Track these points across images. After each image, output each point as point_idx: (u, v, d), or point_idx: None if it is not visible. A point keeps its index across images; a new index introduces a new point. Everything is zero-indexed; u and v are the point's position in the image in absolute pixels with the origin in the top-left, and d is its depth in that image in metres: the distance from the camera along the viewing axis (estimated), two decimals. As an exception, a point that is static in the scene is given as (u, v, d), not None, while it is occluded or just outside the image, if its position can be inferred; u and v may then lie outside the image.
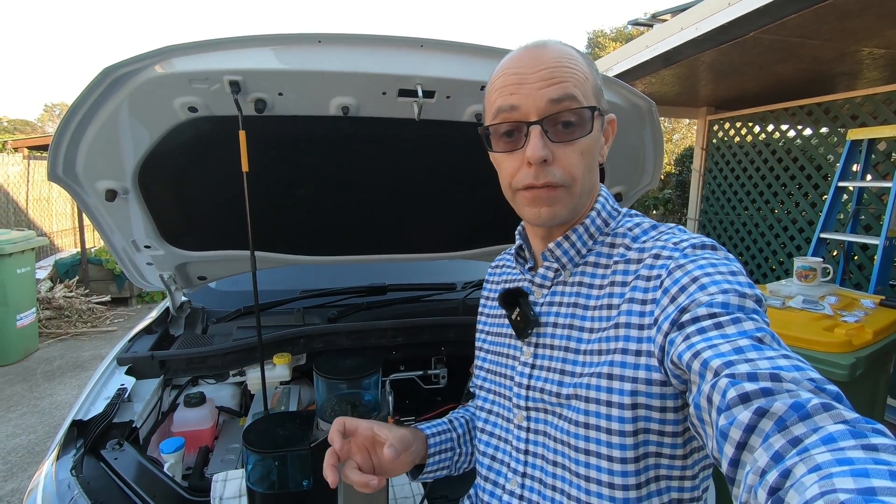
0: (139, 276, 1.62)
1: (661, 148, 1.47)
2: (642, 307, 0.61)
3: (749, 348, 0.48)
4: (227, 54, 0.98)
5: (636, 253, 0.65)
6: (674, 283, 0.58)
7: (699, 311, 0.53)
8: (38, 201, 6.93)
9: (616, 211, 0.73)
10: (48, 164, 1.14)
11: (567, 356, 0.67)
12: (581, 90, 0.63)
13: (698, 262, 0.58)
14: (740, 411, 0.43)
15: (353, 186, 1.45)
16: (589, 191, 0.69)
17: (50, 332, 5.11)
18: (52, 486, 1.04)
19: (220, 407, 1.56)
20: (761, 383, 0.44)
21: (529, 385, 0.71)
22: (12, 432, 3.19)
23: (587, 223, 0.70)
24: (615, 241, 0.69)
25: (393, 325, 1.59)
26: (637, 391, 0.60)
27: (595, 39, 22.24)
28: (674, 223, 0.70)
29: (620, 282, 0.65)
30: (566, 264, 0.71)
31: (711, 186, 5.00)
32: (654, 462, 0.62)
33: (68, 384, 3.95)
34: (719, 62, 3.50)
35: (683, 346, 0.52)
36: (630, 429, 0.60)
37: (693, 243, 0.62)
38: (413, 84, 1.08)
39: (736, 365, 0.47)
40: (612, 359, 0.62)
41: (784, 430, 0.41)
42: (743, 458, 0.43)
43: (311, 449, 0.85)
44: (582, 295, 0.69)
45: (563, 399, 0.66)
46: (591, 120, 0.64)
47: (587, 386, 0.63)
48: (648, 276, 0.62)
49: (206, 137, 1.16)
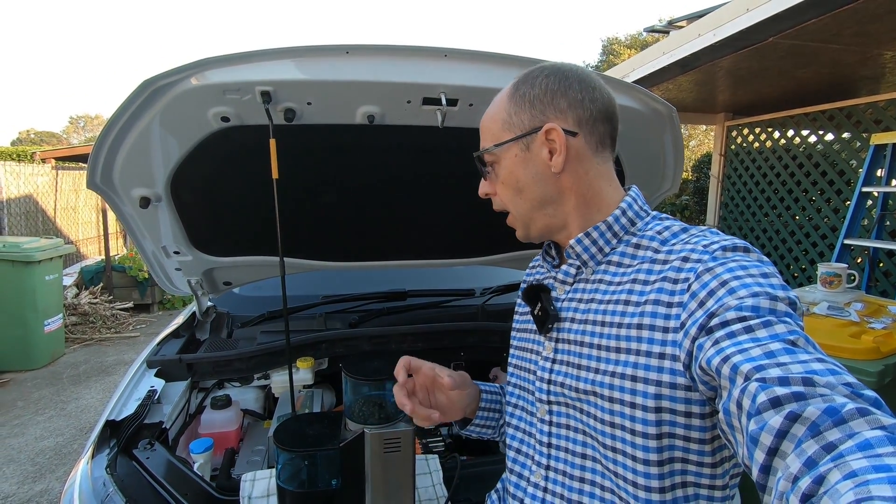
0: (168, 281, 1.67)
1: (682, 153, 1.47)
2: (668, 310, 0.60)
3: (781, 352, 0.47)
4: (258, 66, 1.02)
5: (664, 255, 0.65)
6: (702, 287, 0.57)
7: (728, 315, 0.52)
8: (65, 210, 7.14)
9: (644, 212, 0.73)
10: (87, 173, 1.19)
11: (583, 351, 0.68)
12: (487, 136, 0.75)
13: (728, 266, 0.57)
14: (771, 416, 0.42)
15: (377, 193, 1.48)
16: (539, 205, 0.73)
17: (76, 338, 5.24)
18: (88, 483, 1.08)
19: (245, 410, 1.59)
20: (793, 387, 0.43)
21: (550, 379, 0.72)
22: (41, 435, 3.27)
23: (610, 221, 0.71)
24: (641, 242, 0.69)
25: (413, 331, 1.60)
26: (661, 394, 0.59)
27: (609, 46, 22.20)
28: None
29: (642, 280, 0.65)
30: (587, 261, 0.72)
31: (730, 193, 4.95)
32: (680, 467, 0.61)
33: (94, 388, 4.04)
34: (738, 68, 3.48)
35: (713, 351, 0.51)
36: (654, 431, 0.60)
37: (724, 245, 0.61)
38: (437, 92, 1.11)
39: (767, 369, 0.46)
40: (637, 360, 0.61)
41: (818, 435, 0.39)
42: (774, 464, 0.42)
43: (341, 449, 0.87)
44: (600, 291, 0.69)
45: (581, 394, 0.67)
46: (485, 162, 0.75)
47: (610, 386, 0.63)
48: (676, 279, 0.61)
49: (237, 146, 1.20)
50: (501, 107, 0.74)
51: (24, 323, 4.31)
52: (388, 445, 0.88)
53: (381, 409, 0.91)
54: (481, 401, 0.89)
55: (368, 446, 0.87)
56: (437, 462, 1.16)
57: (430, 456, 1.18)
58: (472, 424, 0.89)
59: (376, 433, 0.87)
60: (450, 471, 1.14)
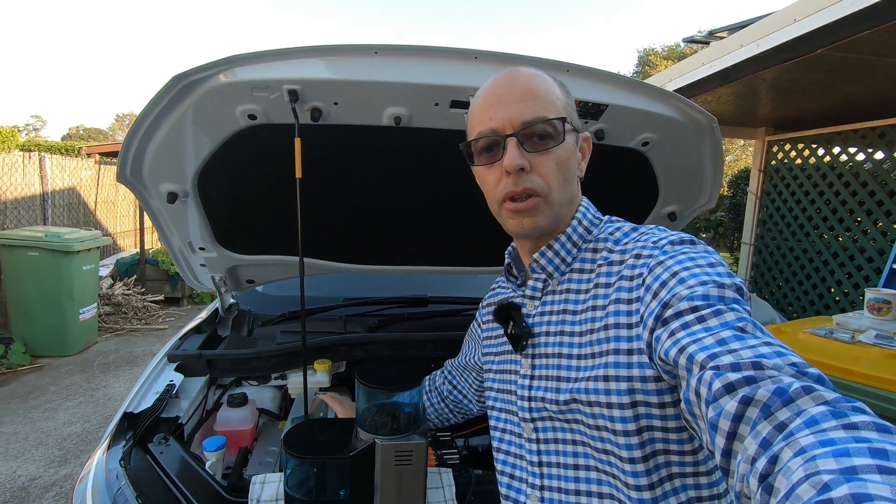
0: (192, 276, 1.69)
1: (721, 166, 1.40)
2: (628, 306, 0.63)
3: (731, 339, 0.49)
4: (287, 64, 1.01)
5: (618, 255, 0.68)
6: (655, 280, 0.60)
7: (681, 306, 0.55)
8: (105, 203, 7.41)
9: (597, 219, 0.76)
10: (118, 166, 1.20)
11: (561, 362, 0.69)
12: (552, 107, 0.69)
13: (677, 258, 0.60)
14: (727, 401, 0.44)
15: (401, 196, 1.45)
16: (568, 202, 0.72)
17: (108, 327, 5.42)
18: (102, 474, 1.08)
19: (261, 409, 1.58)
20: (744, 372, 0.45)
21: (531, 396, 0.72)
22: (69, 420, 3.37)
23: (569, 232, 0.73)
24: (598, 246, 0.72)
25: (433, 338, 1.57)
26: (633, 389, 0.61)
27: (645, 58, 21.87)
28: (726, 249, 0.69)
29: (604, 283, 0.67)
30: (553, 273, 0.73)
31: (769, 210, 4.75)
32: (663, 460, 0.62)
33: (121, 377, 4.15)
34: (781, 80, 3.34)
35: (669, 343, 0.54)
36: (633, 427, 0.61)
37: (671, 240, 0.64)
38: (466, 95, 1.08)
39: (720, 357, 0.48)
40: (607, 360, 0.63)
41: (769, 416, 0.42)
42: (734, 447, 0.44)
43: (350, 458, 0.84)
44: (570, 301, 0.71)
45: (562, 405, 0.67)
46: (562, 131, 0.68)
47: (586, 390, 0.64)
48: (631, 276, 0.64)
49: (263, 144, 1.20)
50: (554, 91, 0.70)
51: (61, 310, 4.47)
52: (400, 458, 0.85)
53: (394, 419, 0.88)
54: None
55: (379, 458, 0.84)
56: (450, 476, 1.11)
57: (444, 469, 1.13)
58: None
59: (388, 444, 0.84)
60: (464, 486, 1.10)
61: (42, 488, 2.60)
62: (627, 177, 1.44)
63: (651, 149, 1.31)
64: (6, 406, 3.55)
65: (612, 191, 1.51)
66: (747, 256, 4.98)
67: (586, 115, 1.16)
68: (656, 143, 1.29)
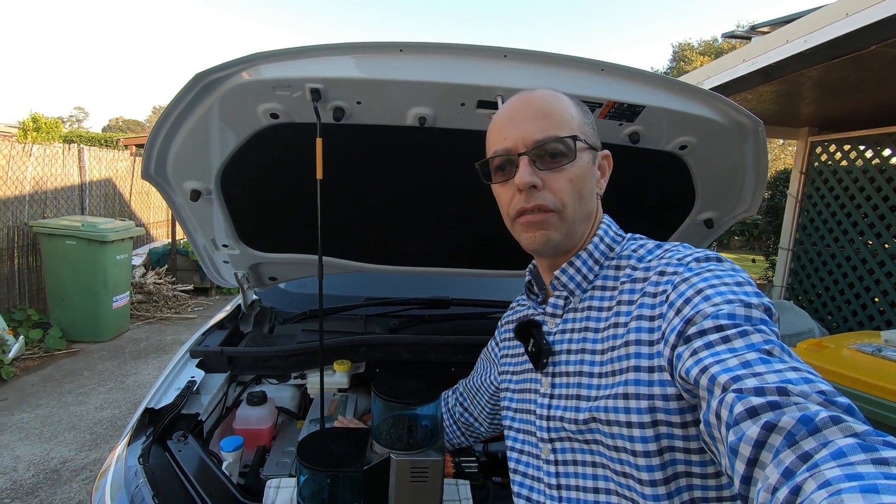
0: (216, 272, 1.69)
1: (765, 173, 1.31)
2: (650, 323, 0.61)
3: (757, 362, 0.48)
4: (309, 62, 0.99)
5: (642, 272, 0.67)
6: (679, 297, 0.58)
7: (705, 324, 0.53)
8: (139, 194, 7.63)
9: (620, 236, 0.76)
10: (142, 164, 1.20)
11: (582, 381, 0.68)
12: (566, 126, 0.69)
13: (703, 275, 0.59)
14: (749, 426, 0.43)
15: (424, 198, 1.42)
16: (584, 218, 0.71)
17: (139, 315, 5.58)
18: (122, 471, 1.09)
19: (280, 408, 1.58)
20: (769, 397, 0.43)
21: (550, 415, 0.71)
22: (100, 405, 3.48)
23: (590, 249, 0.72)
24: (621, 263, 0.71)
25: (454, 341, 1.54)
26: (655, 408, 0.59)
27: (680, 53, 21.25)
28: (762, 252, 0.64)
29: (627, 300, 0.66)
30: (574, 290, 0.73)
31: (810, 214, 4.53)
32: (685, 483, 0.60)
33: (151, 364, 4.27)
34: (829, 78, 3.16)
35: (691, 362, 0.52)
36: (654, 448, 0.59)
37: (697, 257, 0.63)
38: (493, 95, 1.03)
39: (743, 379, 0.46)
40: (627, 378, 0.61)
41: (794, 444, 0.40)
42: (755, 474, 0.42)
43: (364, 472, 0.81)
44: (592, 318, 0.70)
45: (581, 425, 0.66)
46: (574, 149, 0.68)
47: (605, 409, 0.62)
48: (655, 293, 0.63)
49: (285, 143, 1.18)
50: (569, 110, 0.71)
51: (95, 298, 4.63)
52: (416, 475, 0.82)
53: (410, 433, 0.85)
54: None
55: (394, 473, 0.81)
56: (468, 489, 1.08)
57: (462, 481, 1.10)
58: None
59: (404, 460, 0.81)
60: (482, 501, 1.06)
61: (73, 471, 2.69)
62: (662, 181, 1.37)
63: (689, 152, 1.24)
64: (43, 389, 3.70)
65: (644, 195, 1.44)
66: (785, 262, 4.77)
67: (620, 118, 1.10)
68: (695, 147, 1.22)
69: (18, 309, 4.73)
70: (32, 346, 4.35)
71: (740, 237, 10.48)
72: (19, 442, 2.95)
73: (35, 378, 3.88)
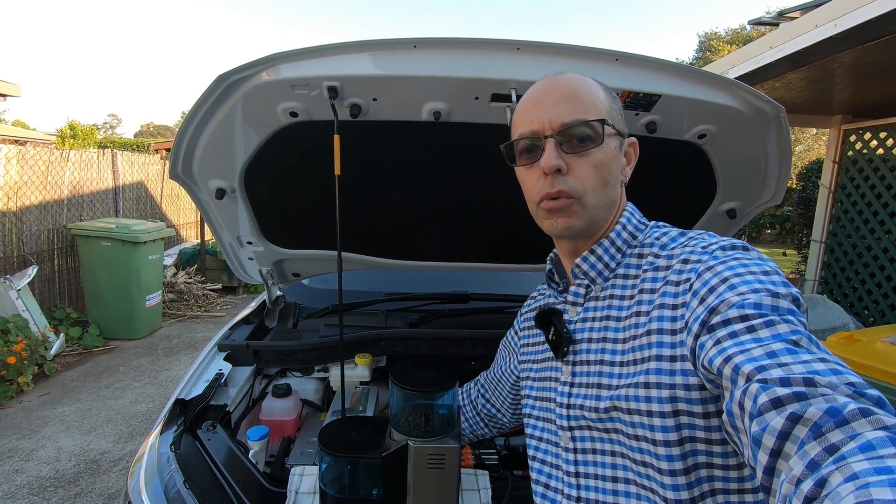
0: (241, 269, 1.74)
1: (788, 160, 1.28)
2: (673, 312, 0.60)
3: (783, 352, 0.47)
4: (326, 61, 1.01)
5: (665, 260, 0.66)
6: (703, 285, 0.57)
7: (730, 313, 0.52)
8: (169, 197, 7.88)
9: (643, 224, 0.74)
10: (170, 164, 1.25)
11: (603, 369, 0.67)
12: (594, 110, 0.68)
13: (728, 263, 0.57)
14: (773, 417, 0.42)
15: (441, 192, 1.44)
16: (607, 205, 0.70)
17: (171, 313, 5.77)
18: (155, 457, 1.14)
19: (304, 400, 1.62)
20: (794, 388, 0.42)
21: (570, 404, 0.71)
22: (136, 399, 3.62)
23: (612, 236, 0.71)
24: (643, 251, 0.70)
25: (472, 336, 1.55)
26: (676, 397, 0.58)
27: (707, 42, 20.71)
28: (793, 245, 0.63)
29: (649, 289, 0.65)
30: (595, 279, 0.72)
31: (844, 205, 4.37)
32: (706, 474, 0.59)
33: (182, 361, 4.41)
34: (862, 63, 3.05)
35: (714, 351, 0.51)
36: (674, 437, 0.58)
37: (722, 245, 0.61)
38: (507, 88, 1.04)
39: (768, 370, 0.45)
40: (648, 366, 0.61)
41: (820, 436, 0.39)
42: (778, 465, 0.41)
43: (383, 458, 0.84)
44: (614, 307, 0.69)
45: (602, 413, 0.66)
46: (602, 133, 0.67)
47: (626, 398, 0.62)
48: (678, 281, 0.62)
49: (305, 141, 1.21)
50: (599, 95, 0.70)
51: (130, 297, 4.80)
52: (433, 461, 0.83)
53: (427, 421, 0.87)
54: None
55: (412, 460, 0.83)
56: (486, 479, 1.09)
57: (481, 472, 1.11)
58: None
59: (421, 447, 0.83)
60: (500, 490, 1.07)
61: (111, 462, 2.81)
62: (682, 171, 1.35)
63: (709, 141, 1.22)
64: (83, 383, 3.86)
65: (664, 186, 1.42)
66: (817, 255, 4.62)
67: (637, 107, 1.09)
68: (715, 136, 1.20)
69: (59, 308, 4.95)
70: (72, 344, 4.55)
71: (772, 230, 10.17)
72: (61, 434, 3.10)
73: (75, 373, 4.06)
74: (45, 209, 4.99)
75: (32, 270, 4.44)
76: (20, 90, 5.82)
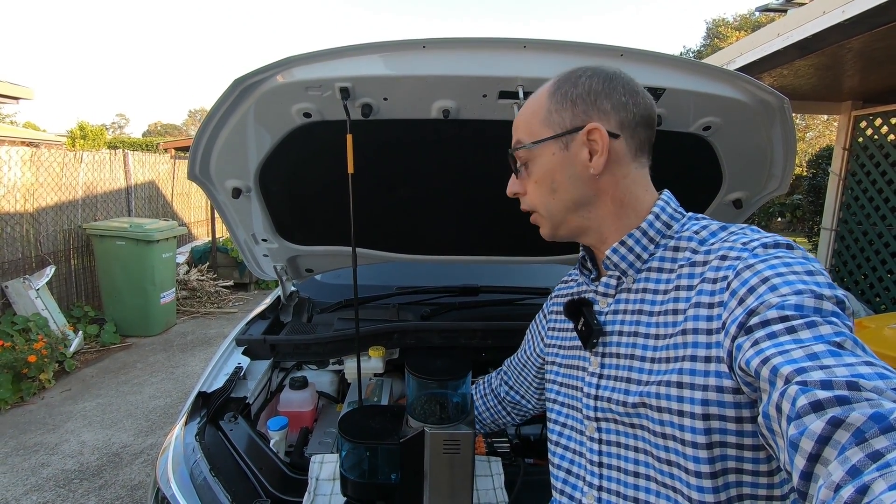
0: (256, 265, 1.79)
1: (793, 150, 1.30)
2: (709, 311, 0.59)
3: (825, 354, 0.45)
4: (338, 62, 1.05)
5: (702, 256, 0.63)
6: (742, 285, 0.55)
7: (769, 314, 0.50)
8: (180, 195, 7.97)
9: (679, 213, 0.71)
10: (188, 165, 1.29)
11: (633, 364, 0.66)
12: (527, 130, 0.72)
13: (769, 262, 0.55)
14: (812, 420, 0.41)
15: (451, 188, 1.47)
16: (569, 207, 0.71)
17: (185, 310, 5.86)
18: (181, 447, 1.19)
19: (320, 392, 1.67)
20: (836, 391, 0.41)
21: (597, 395, 0.70)
22: (154, 394, 3.71)
23: (644, 226, 0.69)
24: (680, 244, 0.67)
25: (483, 327, 1.58)
26: (708, 400, 0.57)
27: (714, 29, 20.42)
28: (803, 234, 0.64)
29: (686, 286, 0.63)
30: (627, 270, 0.70)
31: (855, 192, 4.34)
32: (734, 479, 0.58)
33: (198, 356, 4.49)
34: (872, 48, 3.02)
35: (752, 352, 0.49)
36: (703, 440, 0.57)
37: (764, 242, 0.59)
38: (514, 85, 1.07)
39: (808, 372, 0.43)
40: (682, 366, 0.60)
41: (863, 442, 0.37)
42: (816, 470, 0.40)
43: (400, 445, 0.87)
44: (647, 301, 0.67)
45: (629, 408, 0.65)
46: (521, 158, 0.73)
47: (657, 395, 0.61)
48: (714, 279, 0.59)
49: (318, 141, 1.24)
50: (541, 104, 0.71)
51: (145, 294, 4.90)
52: (448, 446, 0.87)
53: (442, 408, 0.90)
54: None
55: (428, 445, 0.87)
56: (499, 465, 1.13)
57: (493, 458, 1.15)
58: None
59: (436, 433, 0.87)
60: (513, 475, 1.11)
61: (132, 455, 2.89)
62: (687, 162, 1.37)
63: (713, 133, 1.24)
64: (101, 380, 3.96)
65: (670, 177, 1.43)
66: (828, 243, 4.59)
67: (642, 101, 1.11)
68: (719, 127, 1.22)
69: (76, 306, 5.05)
70: (90, 341, 4.66)
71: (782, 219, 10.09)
72: (84, 428, 3.19)
73: (94, 370, 4.16)
74: (60, 210, 5.09)
75: (50, 270, 4.54)
76: (33, 93, 5.90)
